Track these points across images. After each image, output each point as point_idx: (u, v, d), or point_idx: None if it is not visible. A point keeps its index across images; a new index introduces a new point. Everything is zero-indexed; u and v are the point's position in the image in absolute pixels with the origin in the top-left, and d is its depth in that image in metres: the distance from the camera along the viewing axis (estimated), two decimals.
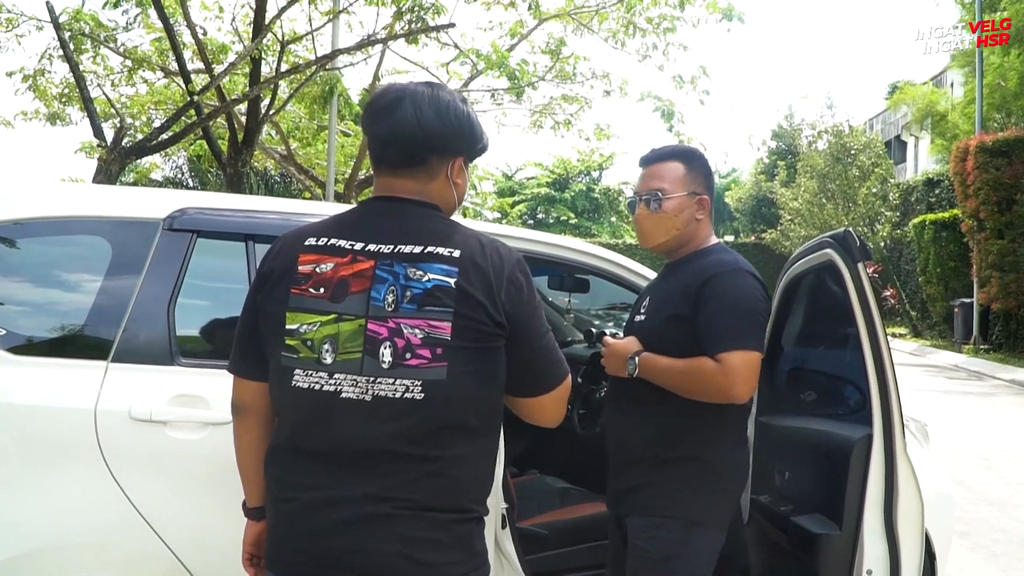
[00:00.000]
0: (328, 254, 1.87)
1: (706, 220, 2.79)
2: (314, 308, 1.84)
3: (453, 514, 1.81)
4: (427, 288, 1.79)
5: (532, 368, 1.93)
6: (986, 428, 10.46)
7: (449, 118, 1.92)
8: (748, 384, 2.49)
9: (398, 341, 1.78)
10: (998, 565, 5.46)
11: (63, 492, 2.50)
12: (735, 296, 2.55)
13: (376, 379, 1.77)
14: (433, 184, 1.95)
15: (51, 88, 12.48)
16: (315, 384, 1.81)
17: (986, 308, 18.93)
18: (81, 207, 2.84)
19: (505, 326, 1.83)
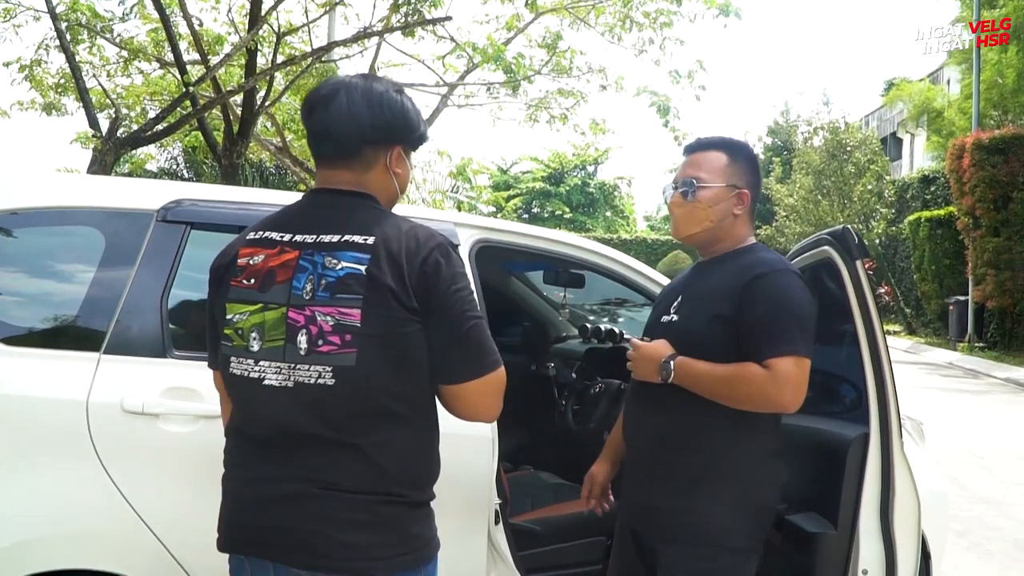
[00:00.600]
0: (261, 246, 1.95)
1: (745, 217, 2.61)
2: (246, 298, 1.92)
3: (377, 496, 1.84)
4: (339, 276, 1.84)
5: (450, 353, 1.88)
6: (981, 426, 10.47)
7: (382, 108, 1.96)
8: (799, 392, 2.33)
9: (312, 328, 1.83)
10: (993, 564, 5.46)
11: (55, 484, 2.49)
12: (785, 297, 2.39)
13: (295, 365, 1.83)
14: (370, 174, 1.99)
15: (47, 78, 12.40)
16: (244, 371, 1.90)
17: (981, 306, 18.95)
18: (75, 198, 2.82)
19: (418, 311, 1.83)
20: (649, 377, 2.50)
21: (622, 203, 48.43)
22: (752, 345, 2.35)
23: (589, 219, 44.85)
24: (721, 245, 2.61)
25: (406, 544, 1.87)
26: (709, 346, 2.42)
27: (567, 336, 5.41)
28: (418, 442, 1.92)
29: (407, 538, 1.88)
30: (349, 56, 12.62)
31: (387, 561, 1.84)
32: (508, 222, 3.54)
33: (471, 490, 2.90)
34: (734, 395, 2.37)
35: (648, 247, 37.29)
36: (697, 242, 2.66)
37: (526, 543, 3.32)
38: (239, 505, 1.93)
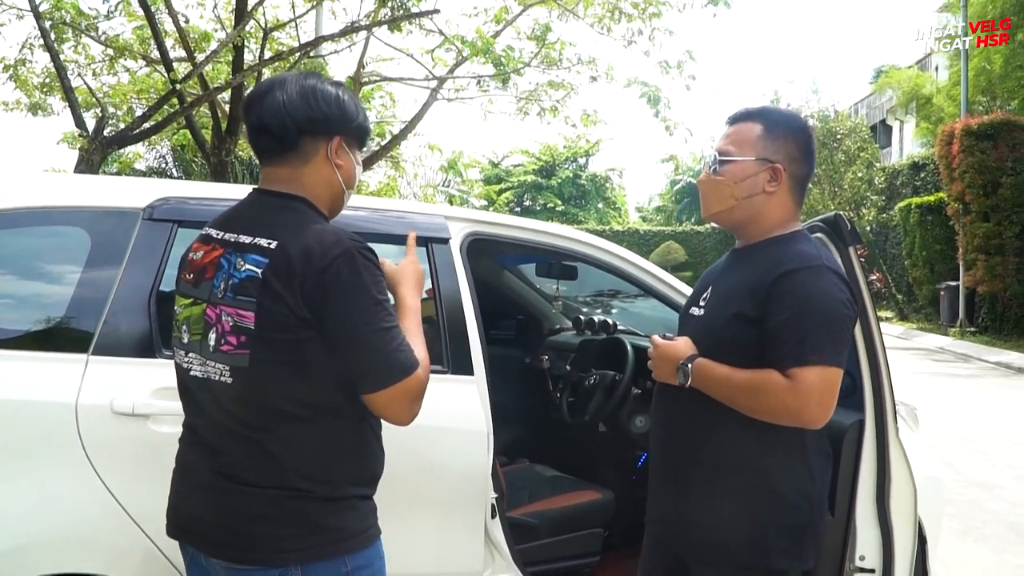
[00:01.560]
0: (203, 243, 2.02)
1: (782, 196, 2.34)
2: (185, 292, 2.01)
3: (279, 491, 1.87)
4: (240, 279, 1.86)
5: (352, 365, 1.85)
6: (973, 410, 10.51)
7: (316, 99, 1.97)
8: (824, 407, 2.12)
9: (219, 327, 1.88)
10: (988, 547, 5.48)
11: (45, 487, 2.47)
12: (814, 299, 2.14)
13: (207, 361, 1.91)
14: (309, 168, 2.00)
15: (32, 78, 12.34)
16: (182, 361, 2.00)
17: (972, 291, 19.04)
18: (60, 197, 2.79)
19: (309, 320, 1.81)
20: (668, 379, 2.33)
21: (614, 195, 48.46)
22: (775, 351, 2.15)
23: (581, 211, 44.85)
24: (754, 228, 2.37)
25: (318, 536, 1.88)
26: (731, 347, 2.23)
27: (561, 328, 5.40)
28: (325, 441, 1.90)
29: (319, 530, 1.89)
30: (337, 51, 12.58)
31: (297, 552, 1.86)
32: (499, 215, 3.51)
33: (467, 484, 2.88)
34: (754, 405, 2.18)
35: (640, 238, 37.29)
36: (724, 223, 2.43)
37: (524, 536, 3.31)
38: (174, 491, 2.04)
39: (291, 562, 1.86)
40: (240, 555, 1.88)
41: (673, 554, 2.41)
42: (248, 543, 1.86)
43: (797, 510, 2.26)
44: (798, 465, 2.27)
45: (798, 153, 2.35)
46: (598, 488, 3.85)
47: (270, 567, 1.86)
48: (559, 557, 3.56)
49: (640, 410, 3.91)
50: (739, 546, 2.24)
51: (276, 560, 1.86)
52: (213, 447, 1.93)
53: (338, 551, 1.90)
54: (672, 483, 2.41)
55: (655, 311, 4.54)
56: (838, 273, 2.24)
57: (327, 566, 1.89)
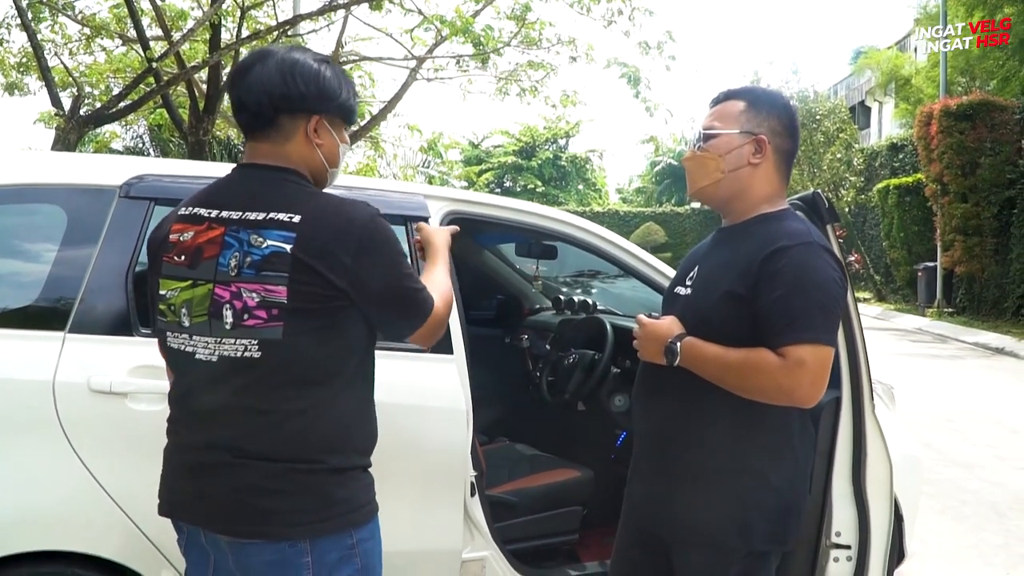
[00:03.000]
0: (190, 223, 1.97)
1: (767, 169, 2.32)
2: (176, 275, 1.95)
3: (293, 464, 1.88)
4: (265, 254, 1.85)
5: (389, 319, 2.00)
6: (951, 390, 10.60)
7: (294, 77, 1.95)
8: (817, 385, 2.09)
9: (237, 303, 1.86)
10: (967, 526, 5.54)
11: (22, 465, 2.46)
12: (807, 276, 2.12)
13: (221, 339, 1.88)
14: (290, 146, 1.99)
15: (9, 57, 12.21)
16: (180, 345, 1.95)
17: (949, 272, 19.14)
18: (35, 174, 2.75)
19: (346, 290, 1.86)
20: (654, 358, 2.28)
21: (594, 176, 48.39)
22: (767, 329, 2.11)
23: (561, 192, 44.77)
24: (741, 204, 2.34)
25: (329, 508, 1.90)
26: (720, 326, 2.19)
27: (541, 308, 5.40)
28: (341, 410, 1.94)
29: (330, 503, 1.90)
30: (316, 30, 12.48)
31: (308, 527, 1.87)
32: (479, 193, 3.50)
33: (447, 463, 2.89)
34: (744, 385, 2.15)
35: (620, 219, 37.35)
36: (710, 198, 2.39)
37: (502, 515, 3.32)
38: (171, 471, 2.01)
39: (301, 536, 1.86)
40: (249, 530, 1.87)
41: (651, 534, 2.39)
42: (258, 518, 1.86)
43: (781, 493, 2.25)
44: (783, 447, 2.26)
45: (781, 128, 2.34)
46: (577, 466, 3.86)
47: (280, 540, 1.86)
48: (538, 535, 3.58)
49: (619, 389, 3.93)
50: (722, 529, 2.23)
51: (286, 534, 1.86)
52: (218, 424, 1.90)
53: (346, 524, 1.91)
54: (655, 464, 2.39)
55: (635, 291, 4.56)
56: (830, 251, 2.22)
57: (334, 540, 1.90)
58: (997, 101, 18.30)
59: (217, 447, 1.89)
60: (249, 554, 1.88)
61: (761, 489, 2.23)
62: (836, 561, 2.82)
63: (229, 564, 1.92)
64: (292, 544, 1.86)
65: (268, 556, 1.87)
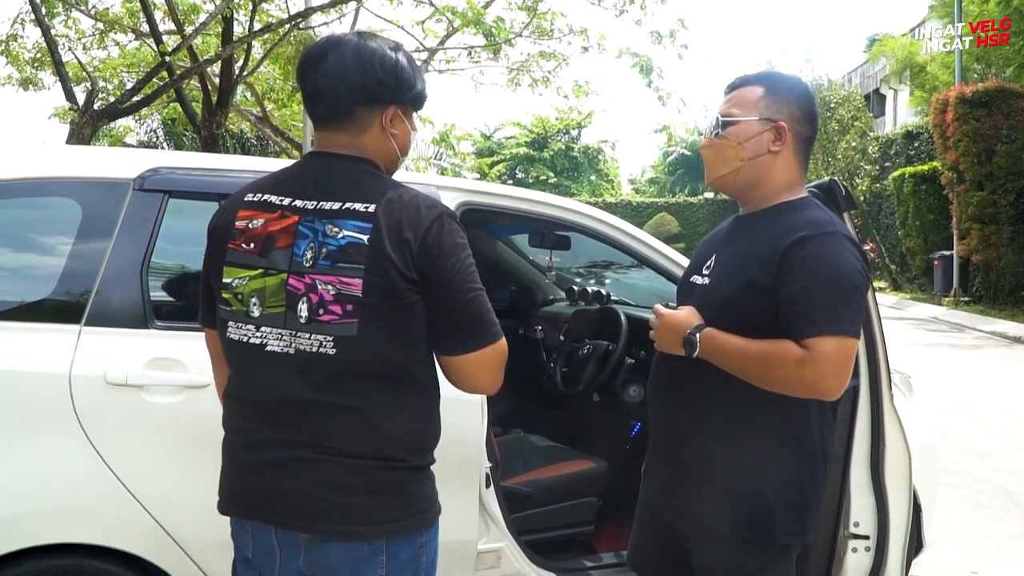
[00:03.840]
0: (260, 210, 1.91)
1: (787, 157, 2.27)
2: (245, 263, 1.89)
3: (376, 461, 1.84)
4: (341, 245, 1.81)
5: (449, 326, 1.88)
6: (967, 380, 10.54)
7: (373, 67, 1.89)
8: (841, 377, 2.04)
9: (313, 297, 1.81)
10: (983, 515, 5.51)
11: (39, 458, 2.47)
12: (831, 266, 2.07)
13: (296, 333, 1.82)
14: (366, 136, 1.93)
15: (23, 53, 12.27)
16: (244, 336, 1.88)
17: (966, 260, 19.01)
18: (50, 168, 2.76)
19: (418, 282, 1.81)
20: (673, 350, 2.24)
21: (606, 166, 48.29)
22: (790, 321, 2.06)
23: (574, 183, 44.70)
24: (760, 192, 2.29)
25: (409, 507, 1.88)
26: (740, 317, 2.14)
27: (554, 299, 5.39)
28: (417, 407, 1.91)
29: (409, 501, 1.88)
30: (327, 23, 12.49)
31: (386, 525, 1.84)
32: (492, 184, 3.49)
33: (462, 454, 2.88)
34: (766, 377, 2.10)
35: (633, 210, 37.26)
36: (729, 187, 2.34)
37: (517, 506, 3.32)
38: (239, 469, 1.93)
39: (379, 535, 1.83)
40: (329, 528, 1.83)
41: (668, 526, 2.36)
42: (341, 515, 1.82)
43: (801, 485, 2.21)
44: (803, 439, 2.21)
45: (800, 113, 2.29)
46: (592, 457, 3.86)
47: (359, 540, 1.83)
48: (553, 526, 3.58)
49: (634, 380, 3.92)
50: (741, 522, 2.18)
51: (366, 533, 1.83)
52: (297, 419, 1.85)
53: (420, 523, 1.89)
54: (671, 456, 2.35)
55: (649, 281, 4.54)
56: (852, 240, 2.17)
57: (408, 539, 1.88)
58: (1013, 88, 18.17)
59: (297, 443, 1.83)
60: (326, 552, 1.84)
61: (781, 481, 2.18)
62: (854, 552, 2.81)
63: (298, 563, 1.87)
64: (370, 543, 1.83)
65: (345, 554, 1.83)
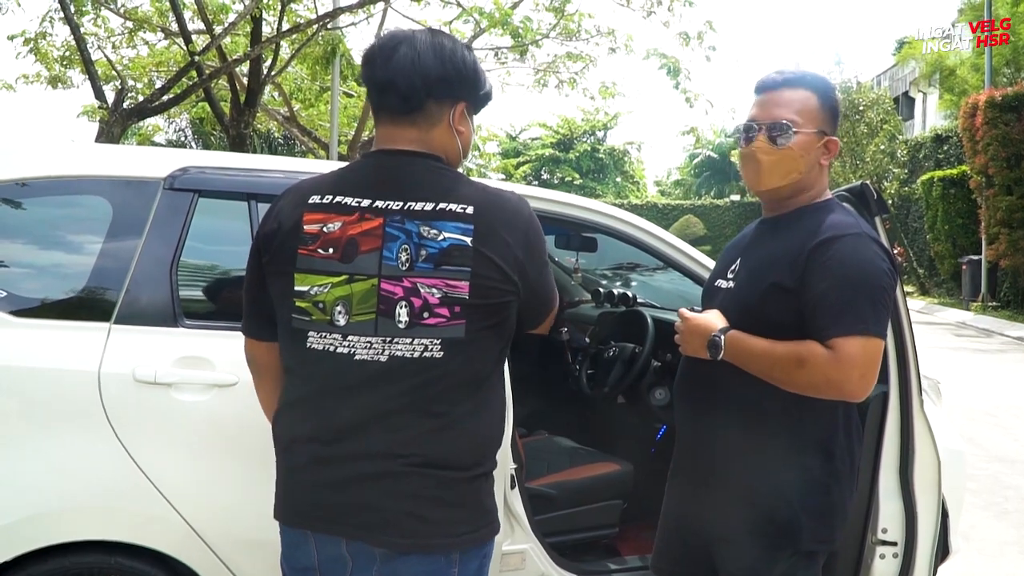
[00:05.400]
0: (334, 212, 1.83)
1: (826, 169, 2.30)
2: (324, 269, 1.81)
3: (462, 471, 1.81)
4: (443, 247, 1.76)
5: (537, 310, 1.98)
6: (994, 385, 10.44)
7: (453, 61, 1.87)
8: (867, 379, 2.03)
9: (415, 300, 1.76)
10: (1009, 522, 5.46)
11: (68, 455, 2.48)
12: (857, 267, 2.07)
13: (393, 339, 1.76)
14: (434, 132, 1.89)
15: (52, 51, 12.38)
16: (330, 346, 1.80)
17: (994, 265, 18.85)
18: (81, 167, 2.78)
19: (518, 284, 1.82)
20: (698, 353, 2.23)
21: (632, 168, 48.21)
22: (816, 322, 2.06)
23: (599, 185, 44.66)
24: (796, 200, 2.28)
25: (482, 518, 1.87)
26: (766, 320, 2.14)
27: (580, 301, 5.38)
28: (494, 409, 1.91)
29: (483, 512, 1.86)
30: (355, 23, 12.56)
31: (463, 537, 1.81)
32: (518, 185, 3.48)
33: None
34: (792, 379, 2.08)
35: (659, 212, 37.19)
36: (776, 196, 2.31)
37: (542, 507, 3.31)
38: (313, 481, 1.83)
39: (455, 548, 1.80)
40: (408, 543, 1.77)
41: (694, 531, 2.35)
42: (421, 529, 1.77)
43: (828, 491, 2.19)
44: (831, 444, 2.20)
45: (836, 124, 2.30)
46: (617, 460, 3.84)
47: (436, 553, 1.79)
48: (578, 528, 3.57)
49: (659, 383, 3.90)
50: (767, 528, 2.17)
51: (444, 546, 1.79)
52: (382, 430, 1.77)
53: (487, 535, 1.87)
54: (697, 461, 2.35)
55: (675, 284, 4.52)
56: (878, 242, 2.17)
57: (477, 551, 1.86)
58: None
59: (381, 455, 1.77)
60: (401, 565, 1.78)
61: (808, 487, 2.17)
62: (882, 558, 2.79)
63: (371, 574, 1.81)
64: (446, 556, 1.79)
65: (421, 568, 1.79)
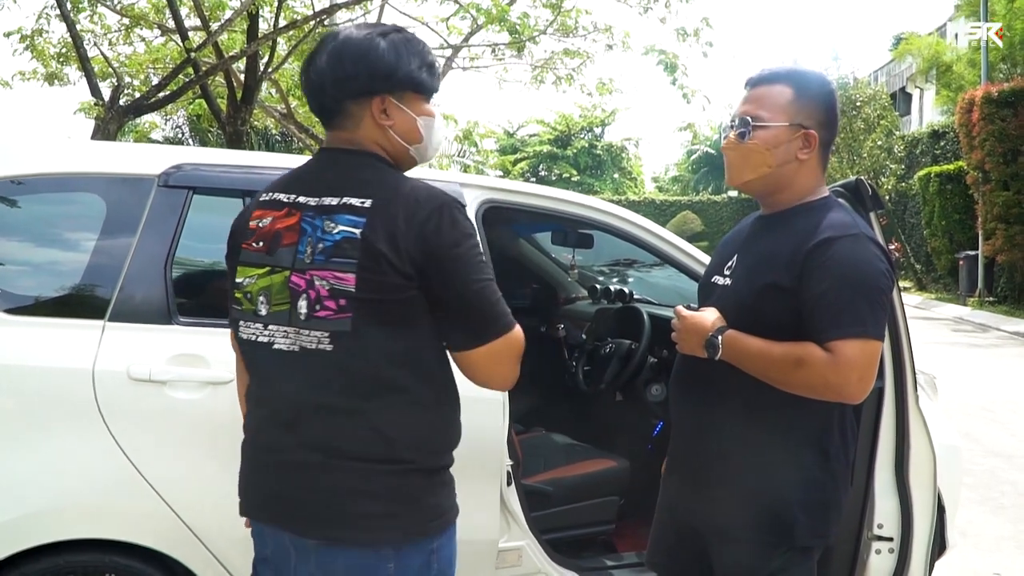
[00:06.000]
0: (270, 208, 1.91)
1: (813, 163, 2.22)
2: (255, 261, 1.90)
3: (384, 465, 1.80)
4: (336, 240, 1.78)
5: (454, 319, 1.82)
6: (991, 380, 10.45)
7: (342, 60, 1.86)
8: (865, 381, 2.02)
9: (311, 293, 1.80)
10: (1006, 517, 5.46)
11: (63, 453, 2.48)
12: (855, 268, 2.05)
13: (299, 330, 1.81)
14: (361, 131, 1.90)
15: (49, 48, 12.34)
16: (253, 335, 1.88)
17: (991, 260, 18.85)
18: (75, 164, 2.78)
19: (413, 276, 1.76)
20: (695, 352, 2.21)
21: (630, 165, 48.17)
22: (813, 324, 2.04)
23: (597, 181, 44.60)
24: (783, 196, 2.25)
25: (419, 515, 1.83)
26: (762, 319, 2.12)
27: (576, 297, 5.38)
28: (426, 407, 1.86)
29: (418, 509, 1.84)
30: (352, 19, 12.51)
31: (392, 533, 1.80)
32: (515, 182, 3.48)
33: (483, 452, 2.88)
34: (789, 380, 2.07)
35: (656, 208, 37.16)
36: (753, 191, 2.30)
37: (539, 504, 3.31)
38: (255, 471, 1.92)
39: (388, 542, 1.80)
40: (337, 534, 1.80)
41: (689, 526, 2.35)
42: (348, 522, 1.79)
43: (823, 487, 2.19)
44: (825, 440, 2.19)
45: (825, 118, 2.24)
46: (613, 456, 3.85)
47: (363, 547, 1.80)
48: (574, 524, 3.57)
49: (656, 379, 3.90)
50: (762, 523, 2.16)
51: (374, 541, 1.80)
52: (302, 422, 1.82)
53: (431, 530, 1.85)
54: (692, 457, 2.34)
55: (672, 280, 4.52)
56: (876, 242, 2.14)
57: (419, 546, 1.84)
58: None
59: (306, 446, 1.81)
60: (333, 558, 1.81)
61: (802, 483, 2.16)
62: (878, 553, 2.79)
63: (311, 566, 1.84)
64: (376, 551, 1.80)
65: (351, 561, 1.80)
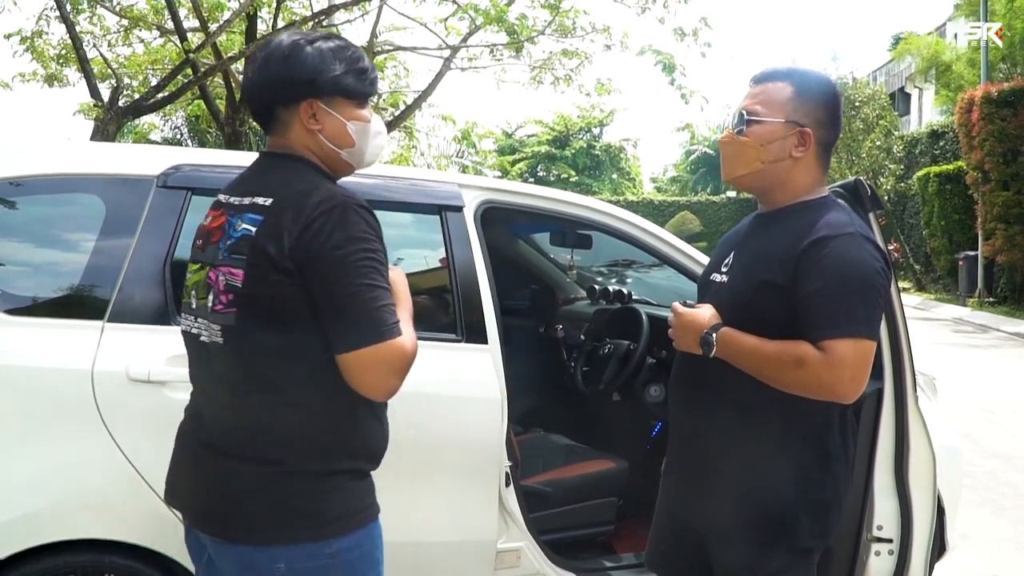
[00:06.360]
0: (215, 208, 1.99)
1: (810, 161, 2.21)
2: (196, 258, 1.99)
3: (267, 466, 1.81)
4: (236, 237, 1.84)
5: (332, 322, 1.77)
6: (991, 381, 10.44)
7: (267, 66, 1.91)
8: (858, 381, 2.03)
9: (216, 287, 1.87)
10: (1007, 518, 5.46)
11: (61, 453, 2.49)
12: (850, 267, 2.04)
13: (209, 323, 1.88)
14: (291, 135, 1.93)
15: (48, 49, 12.34)
16: (188, 327, 1.97)
17: (991, 261, 18.84)
18: (74, 165, 2.78)
19: (292, 273, 1.75)
20: (690, 349, 2.22)
21: (628, 165, 48.19)
22: (807, 322, 2.04)
23: (595, 182, 44.62)
24: (780, 194, 2.25)
25: (299, 518, 1.81)
26: (757, 316, 2.12)
27: (575, 298, 5.38)
28: (306, 408, 1.83)
29: (300, 511, 1.81)
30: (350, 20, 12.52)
31: (276, 532, 1.80)
32: (514, 183, 3.48)
33: (482, 453, 2.88)
34: (783, 378, 2.08)
35: (655, 208, 37.16)
36: (747, 186, 2.30)
37: (537, 505, 3.31)
38: (172, 458, 2.02)
39: (270, 541, 1.80)
40: (224, 530, 1.85)
41: (688, 527, 2.34)
42: (228, 519, 1.83)
43: (822, 487, 2.18)
44: (825, 441, 2.18)
45: (826, 118, 2.23)
46: (612, 457, 3.84)
47: (255, 545, 1.82)
48: (573, 525, 3.57)
49: (655, 379, 3.90)
50: (762, 523, 2.16)
51: (254, 539, 1.81)
52: (202, 414, 1.93)
53: (324, 534, 1.81)
54: (691, 457, 2.34)
55: (670, 280, 4.52)
56: (872, 241, 2.14)
57: (309, 549, 1.80)
58: None
59: (201, 441, 1.91)
60: (224, 552, 1.86)
61: (803, 483, 2.15)
62: (877, 555, 2.79)
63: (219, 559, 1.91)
64: (261, 550, 1.81)
65: (239, 557, 1.84)
